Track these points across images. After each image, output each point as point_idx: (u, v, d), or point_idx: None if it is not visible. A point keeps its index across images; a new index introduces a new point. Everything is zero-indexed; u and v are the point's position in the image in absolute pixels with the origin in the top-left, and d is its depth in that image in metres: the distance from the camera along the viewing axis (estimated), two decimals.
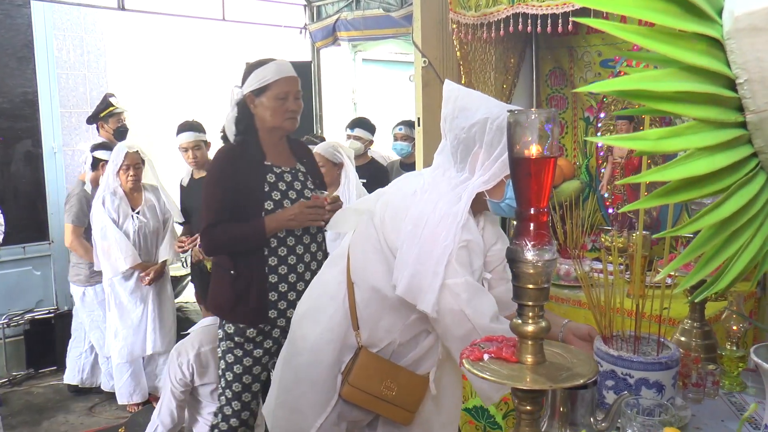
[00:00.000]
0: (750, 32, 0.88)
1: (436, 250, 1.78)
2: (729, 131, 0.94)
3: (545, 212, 1.15)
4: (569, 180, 3.51)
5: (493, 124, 1.79)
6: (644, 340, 1.76)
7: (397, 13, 5.57)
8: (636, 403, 1.39)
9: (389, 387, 1.97)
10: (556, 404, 1.43)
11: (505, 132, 1.73)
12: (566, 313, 2.83)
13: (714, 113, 0.93)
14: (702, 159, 0.95)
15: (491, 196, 1.85)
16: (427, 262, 1.78)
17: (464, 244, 1.80)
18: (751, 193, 0.97)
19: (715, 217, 0.98)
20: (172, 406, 2.88)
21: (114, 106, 4.96)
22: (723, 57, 0.91)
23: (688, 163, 0.96)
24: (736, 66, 0.90)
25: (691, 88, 0.92)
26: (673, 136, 0.95)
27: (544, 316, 1.19)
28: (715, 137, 0.94)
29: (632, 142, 0.99)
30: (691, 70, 0.92)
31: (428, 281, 1.77)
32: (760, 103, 0.91)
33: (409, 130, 4.97)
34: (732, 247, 1.02)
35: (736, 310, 1.97)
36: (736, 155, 0.95)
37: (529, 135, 1.13)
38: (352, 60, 8.57)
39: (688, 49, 0.91)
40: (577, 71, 3.64)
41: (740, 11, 0.87)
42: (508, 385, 1.16)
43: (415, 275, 1.79)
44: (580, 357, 1.22)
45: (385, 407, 1.99)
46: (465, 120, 1.84)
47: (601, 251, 2.91)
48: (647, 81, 0.93)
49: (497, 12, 3.05)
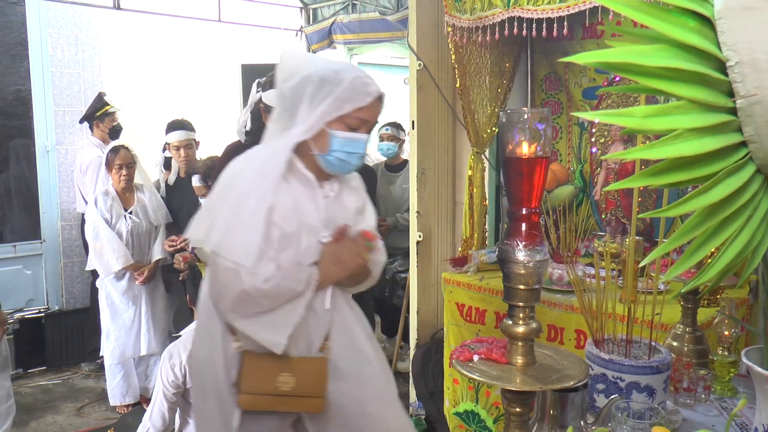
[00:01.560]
0: (741, 12, 0.86)
1: (250, 203, 1.76)
2: (718, 115, 0.93)
3: (537, 212, 1.15)
4: (563, 185, 3.51)
5: (315, 76, 1.79)
6: (636, 344, 1.75)
7: (393, 17, 5.57)
8: (627, 407, 1.38)
9: (285, 381, 1.87)
10: (546, 407, 1.42)
11: (327, 84, 1.75)
12: (558, 318, 2.83)
13: (703, 94, 0.92)
14: (690, 140, 0.93)
15: (316, 148, 1.83)
16: (241, 215, 1.75)
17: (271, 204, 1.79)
18: (739, 181, 0.96)
19: (704, 201, 0.97)
20: (163, 408, 2.86)
21: (109, 105, 4.95)
22: (714, 37, 0.90)
23: (677, 143, 0.94)
24: (727, 47, 0.89)
25: (680, 65, 0.90)
26: (661, 114, 0.93)
27: (534, 317, 1.18)
28: (704, 119, 0.92)
29: (620, 119, 0.97)
30: (682, 47, 0.90)
31: (241, 236, 1.75)
32: (750, 87, 0.89)
33: (395, 130, 4.97)
34: (720, 237, 1.01)
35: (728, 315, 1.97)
36: (724, 140, 0.94)
37: (522, 135, 1.13)
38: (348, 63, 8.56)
39: (679, 26, 0.89)
40: (572, 76, 3.64)
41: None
42: (498, 386, 1.15)
43: (229, 228, 1.76)
44: (571, 359, 1.22)
45: (289, 402, 1.89)
46: (293, 79, 1.85)
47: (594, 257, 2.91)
48: (636, 54, 0.91)
49: (493, 15, 3.04)
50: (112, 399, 4.25)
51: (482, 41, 3.21)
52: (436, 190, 3.79)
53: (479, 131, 3.49)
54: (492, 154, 3.67)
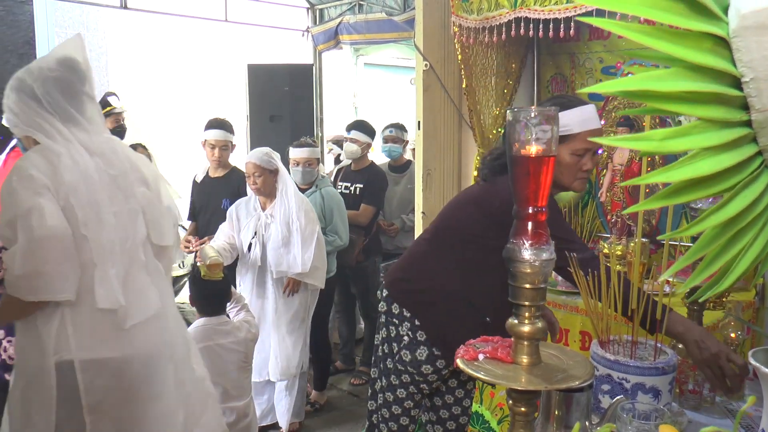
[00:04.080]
0: (757, 30, 0.87)
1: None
2: (734, 130, 0.93)
3: (543, 211, 1.14)
4: None
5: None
6: (641, 345, 1.75)
7: (400, 17, 5.56)
8: (632, 408, 1.38)
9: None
10: (551, 407, 1.41)
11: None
12: (563, 319, 2.82)
13: (719, 112, 0.92)
14: (707, 159, 0.94)
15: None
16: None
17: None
18: (755, 192, 0.96)
19: (720, 217, 0.97)
20: None
21: (112, 106, 4.95)
22: (728, 55, 0.90)
23: (693, 163, 0.94)
24: (742, 64, 0.89)
25: (696, 88, 0.91)
26: (677, 136, 0.94)
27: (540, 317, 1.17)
28: (720, 137, 0.93)
29: (637, 143, 0.98)
30: (696, 69, 0.91)
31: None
32: (765, 101, 0.90)
33: (398, 132, 4.96)
34: (735, 248, 1.01)
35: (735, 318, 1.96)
36: (740, 154, 0.94)
37: (528, 134, 1.13)
38: (354, 64, 8.57)
39: (693, 48, 0.90)
40: (579, 78, 3.63)
41: (747, 9, 0.86)
42: (503, 385, 1.15)
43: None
44: (576, 359, 1.21)
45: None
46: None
47: None
48: (651, 81, 0.92)
49: (499, 16, 3.04)
50: None
51: (489, 42, 3.20)
52: (441, 190, 3.78)
53: (485, 132, 3.49)
54: None
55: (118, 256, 1.89)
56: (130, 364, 1.91)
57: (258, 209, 3.75)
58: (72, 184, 1.81)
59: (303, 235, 3.65)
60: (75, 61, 1.93)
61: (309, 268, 3.67)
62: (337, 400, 4.48)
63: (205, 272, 2.97)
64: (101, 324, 1.87)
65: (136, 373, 1.92)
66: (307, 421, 4.07)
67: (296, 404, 3.87)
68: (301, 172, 4.14)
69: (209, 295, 2.97)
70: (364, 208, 4.60)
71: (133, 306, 1.91)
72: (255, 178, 3.65)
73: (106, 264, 1.85)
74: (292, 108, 5.75)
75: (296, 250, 3.65)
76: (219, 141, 4.26)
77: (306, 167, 4.14)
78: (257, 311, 3.64)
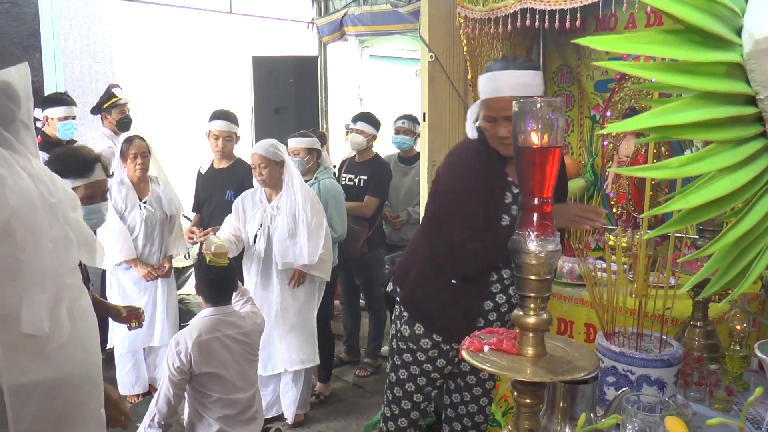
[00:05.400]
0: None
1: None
2: (748, 146, 0.93)
3: (549, 202, 1.14)
4: (574, 178, 3.50)
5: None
6: (646, 337, 1.74)
7: (405, 9, 5.54)
8: (637, 400, 1.38)
9: None
10: (556, 399, 1.42)
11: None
12: (568, 311, 2.82)
13: (735, 132, 0.92)
14: (723, 179, 0.94)
15: None
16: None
17: None
18: None
19: (738, 232, 0.96)
20: (169, 394, 2.87)
21: (117, 97, 4.96)
22: (743, 75, 0.90)
23: (710, 185, 0.95)
24: (756, 84, 0.89)
25: (713, 115, 0.90)
26: (694, 161, 0.94)
27: (546, 308, 1.17)
28: (736, 155, 0.93)
29: (655, 171, 0.98)
30: (711, 95, 0.90)
31: None
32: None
33: (411, 124, 4.95)
34: (749, 255, 1.00)
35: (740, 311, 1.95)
36: (756, 168, 0.94)
37: (534, 124, 1.12)
38: (359, 55, 8.55)
39: (707, 76, 0.89)
40: (584, 69, 3.62)
41: (760, 35, 0.86)
42: (508, 377, 1.15)
43: None
44: (582, 351, 1.21)
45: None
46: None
47: (604, 250, 2.89)
48: (668, 114, 0.91)
49: (505, 7, 3.03)
50: (122, 388, 4.26)
51: (494, 33, 3.19)
52: None
53: None
54: None
55: (49, 282, 1.92)
56: (60, 387, 1.95)
57: (264, 201, 3.75)
58: (16, 208, 1.83)
59: (309, 227, 3.65)
60: (13, 89, 1.98)
61: (316, 260, 3.67)
62: (342, 391, 4.49)
63: (211, 258, 2.97)
64: (28, 348, 1.91)
65: (66, 398, 1.97)
66: (312, 412, 4.08)
67: (302, 396, 3.88)
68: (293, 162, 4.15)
69: (215, 280, 2.97)
70: (368, 199, 4.60)
71: (54, 331, 1.95)
72: (261, 169, 3.65)
73: (35, 289, 1.87)
74: (297, 100, 5.75)
75: (302, 241, 3.65)
76: (223, 132, 4.27)
77: (294, 156, 4.13)
78: (262, 303, 3.65)
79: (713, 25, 0.88)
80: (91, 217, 2.68)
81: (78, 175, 2.66)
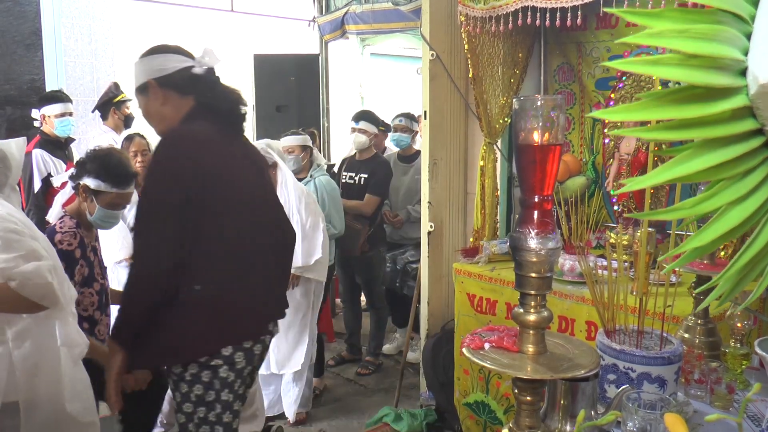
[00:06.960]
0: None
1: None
2: (756, 173, 0.92)
3: (550, 200, 1.14)
4: (575, 176, 3.50)
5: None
6: (647, 335, 1.74)
7: (406, 7, 5.55)
8: (637, 397, 1.38)
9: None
10: (557, 396, 1.42)
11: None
12: (569, 309, 2.82)
13: (744, 166, 0.92)
14: (733, 210, 0.94)
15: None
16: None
17: None
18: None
19: (750, 254, 0.96)
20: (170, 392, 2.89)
21: (123, 94, 4.97)
22: (749, 112, 0.90)
23: (721, 219, 0.94)
24: (763, 119, 0.89)
25: (723, 158, 0.90)
26: (706, 199, 0.94)
27: (546, 306, 1.18)
28: (746, 185, 0.92)
29: (671, 214, 0.98)
30: (719, 138, 0.91)
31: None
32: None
33: (408, 121, 4.95)
34: (757, 269, 1.00)
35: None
36: (764, 194, 0.93)
37: (535, 122, 1.12)
38: (360, 54, 8.54)
39: (714, 124, 0.89)
40: (586, 67, 3.61)
41: (765, 79, 0.86)
42: (509, 374, 1.15)
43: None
44: (582, 348, 1.22)
45: None
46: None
47: (605, 248, 2.89)
48: (680, 165, 0.91)
49: (506, 5, 3.03)
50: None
51: (495, 31, 3.19)
52: (447, 180, 3.78)
53: (491, 121, 3.48)
54: (504, 145, 3.66)
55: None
56: (58, 403, 2.14)
57: None
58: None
59: (304, 230, 3.64)
60: (9, 161, 2.21)
61: (312, 261, 3.66)
62: (343, 389, 4.49)
63: None
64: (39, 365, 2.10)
65: (66, 413, 2.14)
66: (313, 410, 4.09)
67: (303, 395, 3.89)
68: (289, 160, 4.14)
69: None
70: (369, 198, 4.60)
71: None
72: None
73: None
74: (298, 98, 5.75)
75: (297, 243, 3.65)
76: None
77: (289, 154, 4.12)
78: None
79: (719, 79, 0.88)
80: (107, 221, 2.75)
81: (115, 184, 2.72)
